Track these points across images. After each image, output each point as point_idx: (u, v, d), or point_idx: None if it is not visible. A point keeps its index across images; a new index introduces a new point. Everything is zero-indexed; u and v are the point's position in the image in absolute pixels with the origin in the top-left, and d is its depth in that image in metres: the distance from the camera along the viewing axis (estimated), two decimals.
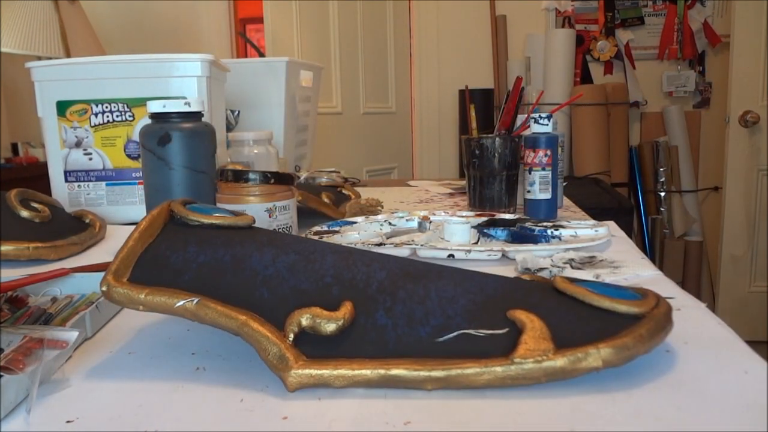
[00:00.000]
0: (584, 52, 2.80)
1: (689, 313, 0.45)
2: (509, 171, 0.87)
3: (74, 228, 0.75)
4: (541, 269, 0.57)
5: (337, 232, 0.71)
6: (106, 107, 0.89)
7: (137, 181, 0.91)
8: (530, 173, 0.83)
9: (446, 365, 0.34)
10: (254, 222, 0.45)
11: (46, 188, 0.90)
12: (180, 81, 0.88)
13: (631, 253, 0.65)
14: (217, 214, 0.43)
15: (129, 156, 0.91)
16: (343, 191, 0.93)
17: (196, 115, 0.65)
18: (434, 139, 2.94)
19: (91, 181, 0.91)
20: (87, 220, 0.79)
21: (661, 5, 2.74)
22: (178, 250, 0.40)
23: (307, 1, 2.51)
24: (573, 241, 0.66)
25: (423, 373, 0.34)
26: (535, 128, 0.83)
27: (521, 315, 0.35)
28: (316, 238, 0.67)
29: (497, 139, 0.86)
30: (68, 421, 0.32)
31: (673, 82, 2.78)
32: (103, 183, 0.91)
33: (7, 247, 0.64)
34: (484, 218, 0.75)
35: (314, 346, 0.36)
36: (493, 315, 0.36)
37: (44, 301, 0.49)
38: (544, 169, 0.82)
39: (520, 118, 0.92)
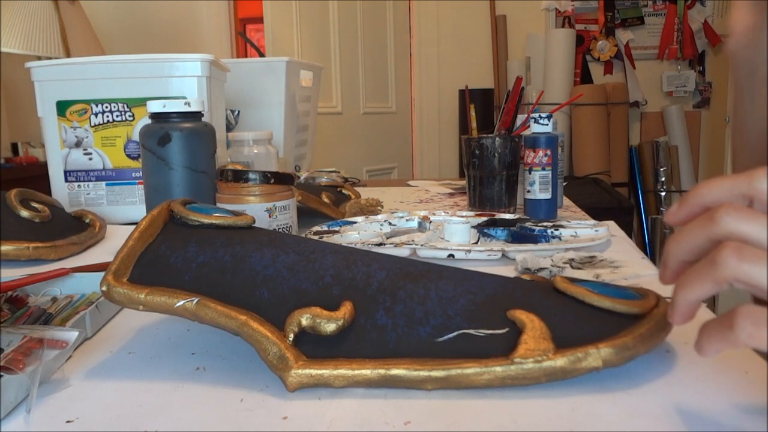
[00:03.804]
0: (584, 52, 2.80)
1: None
2: (509, 171, 0.87)
3: (74, 228, 0.75)
4: (541, 269, 0.57)
5: (337, 232, 0.71)
6: (106, 107, 0.89)
7: (137, 181, 0.91)
8: (530, 173, 0.83)
9: (446, 365, 0.34)
10: (254, 222, 0.45)
11: (46, 188, 0.90)
12: (180, 81, 0.88)
13: (631, 253, 0.65)
14: (217, 214, 0.43)
15: (129, 156, 0.91)
16: (343, 191, 0.93)
17: (196, 115, 0.65)
18: (434, 139, 2.94)
19: (91, 181, 0.91)
20: (87, 220, 0.79)
21: (661, 5, 2.74)
22: (178, 250, 0.40)
23: (307, 1, 2.51)
24: (573, 241, 0.66)
25: (423, 373, 0.34)
26: (535, 128, 0.83)
27: (521, 315, 0.35)
28: (316, 238, 0.67)
29: (497, 139, 0.86)
30: (68, 421, 0.32)
31: (673, 82, 2.78)
32: (103, 183, 0.91)
33: (7, 247, 0.64)
34: (484, 218, 0.75)
35: (314, 346, 0.36)
36: (493, 315, 0.36)
37: (44, 301, 0.49)
38: (544, 169, 0.82)
39: (520, 118, 0.92)
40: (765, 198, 0.28)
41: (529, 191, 0.84)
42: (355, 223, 0.77)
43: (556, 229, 0.67)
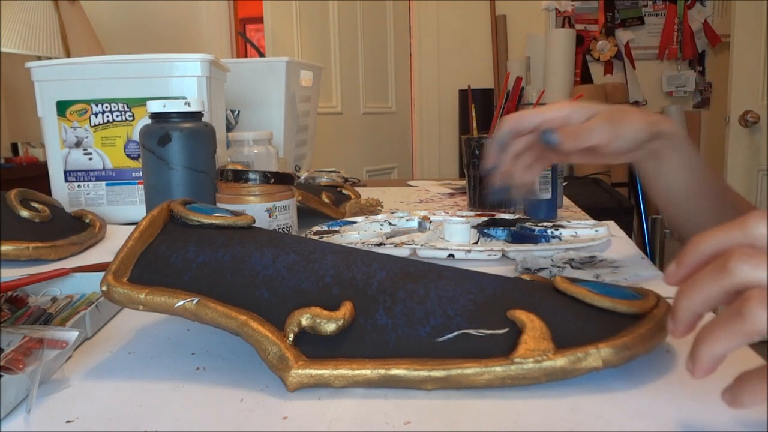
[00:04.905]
0: (584, 52, 2.80)
1: None
2: None
3: (74, 228, 0.75)
4: (541, 269, 0.57)
5: (337, 232, 0.71)
6: (106, 107, 0.89)
7: (137, 181, 0.91)
8: None
9: (446, 365, 0.34)
10: (254, 222, 0.45)
11: (46, 188, 0.90)
12: (180, 81, 0.88)
13: (631, 253, 0.65)
14: (217, 214, 0.43)
15: (129, 156, 0.91)
16: (343, 191, 0.93)
17: (196, 115, 0.65)
18: (434, 139, 2.94)
19: (91, 181, 0.91)
20: (87, 220, 0.79)
21: (661, 5, 2.74)
22: (178, 250, 0.40)
23: (307, 1, 2.51)
24: (573, 241, 0.66)
25: (423, 373, 0.34)
26: None
27: (521, 315, 0.35)
28: (316, 238, 0.67)
29: None
30: (68, 421, 0.32)
31: (673, 82, 2.78)
32: (103, 183, 0.91)
33: (7, 247, 0.64)
34: (484, 218, 0.75)
35: (314, 346, 0.36)
36: (493, 315, 0.36)
37: (44, 301, 0.49)
38: (544, 169, 0.82)
39: None
40: (766, 243, 0.26)
41: None
42: (355, 223, 0.77)
43: (556, 229, 0.67)
